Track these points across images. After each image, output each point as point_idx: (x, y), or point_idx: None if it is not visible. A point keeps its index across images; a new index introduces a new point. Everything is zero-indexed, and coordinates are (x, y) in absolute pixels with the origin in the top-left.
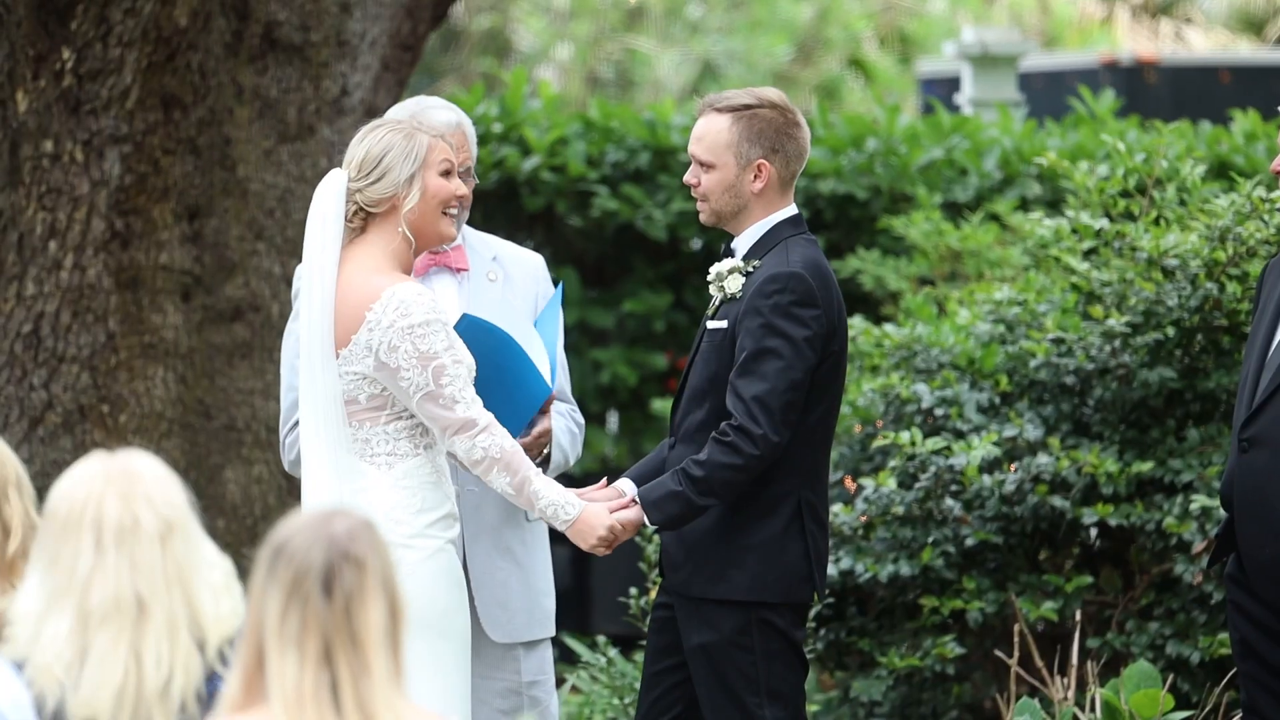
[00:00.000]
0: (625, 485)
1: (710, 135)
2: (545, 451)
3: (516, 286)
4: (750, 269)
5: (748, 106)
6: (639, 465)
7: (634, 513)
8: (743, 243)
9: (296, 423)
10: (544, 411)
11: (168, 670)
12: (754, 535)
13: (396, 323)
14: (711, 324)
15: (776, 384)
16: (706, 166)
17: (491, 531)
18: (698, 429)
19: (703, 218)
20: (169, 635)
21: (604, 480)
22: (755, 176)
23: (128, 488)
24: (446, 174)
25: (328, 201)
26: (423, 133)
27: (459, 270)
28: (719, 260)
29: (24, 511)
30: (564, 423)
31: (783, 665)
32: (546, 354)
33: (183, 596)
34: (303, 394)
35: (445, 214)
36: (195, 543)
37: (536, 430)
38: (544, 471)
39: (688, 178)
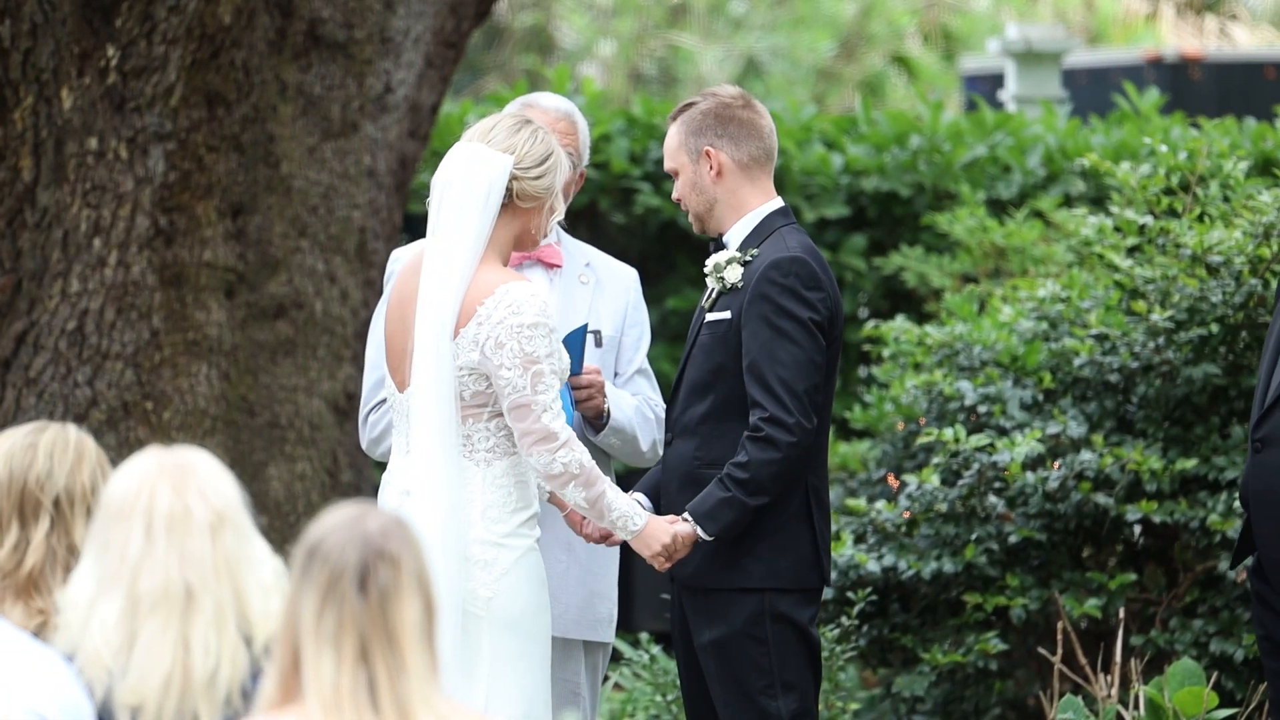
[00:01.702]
0: (639, 498)
1: (668, 144)
2: (605, 407)
3: (607, 293)
4: (748, 258)
5: (687, 105)
6: (648, 478)
7: (687, 528)
8: (734, 236)
9: (381, 402)
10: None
11: (215, 660)
12: (766, 523)
13: (507, 320)
14: (711, 315)
15: (798, 368)
16: (674, 174)
17: (555, 525)
18: (700, 421)
19: (694, 227)
20: (217, 626)
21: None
22: (709, 166)
23: (181, 479)
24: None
25: (493, 179)
26: (561, 149)
27: (551, 267)
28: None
29: (52, 534)
30: (633, 401)
31: (794, 655)
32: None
33: (231, 589)
34: (419, 375)
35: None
36: (246, 538)
37: (587, 379)
38: (604, 426)
39: (673, 195)
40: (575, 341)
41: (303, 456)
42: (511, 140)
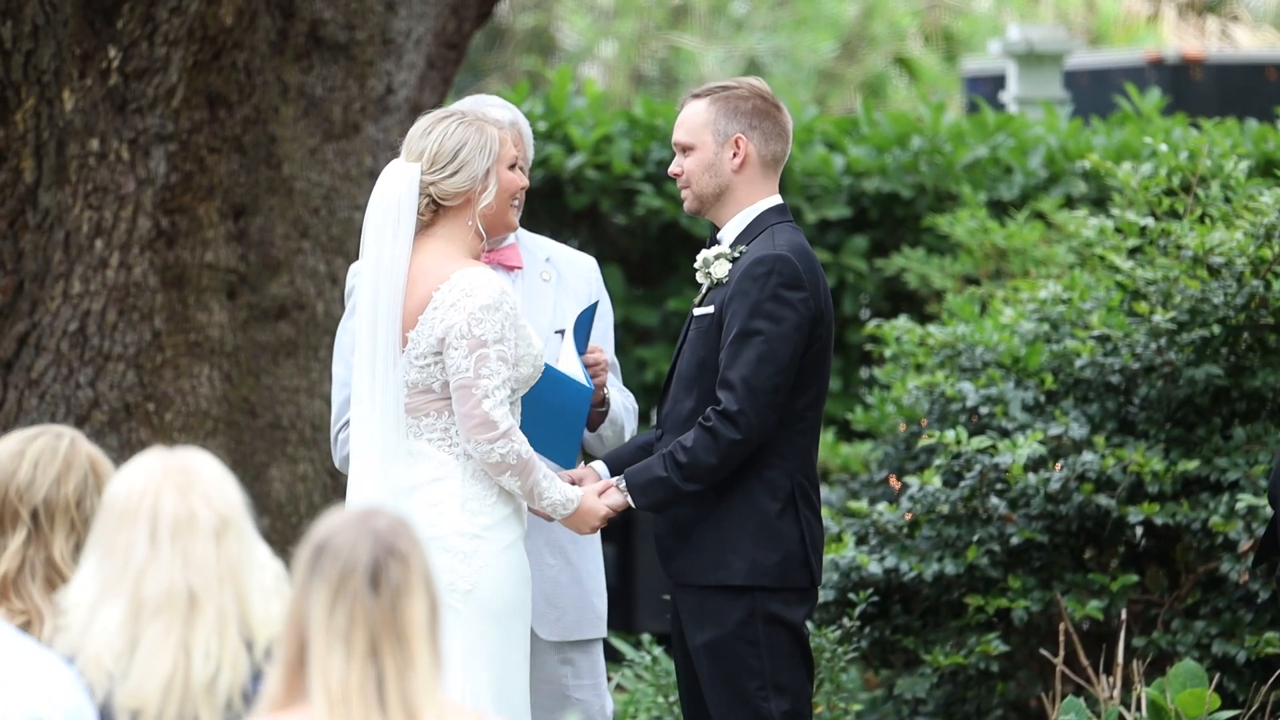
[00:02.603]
0: (598, 466)
1: (689, 119)
2: (605, 393)
3: (569, 287)
4: (736, 254)
5: (725, 88)
6: (619, 449)
7: (619, 498)
8: (729, 231)
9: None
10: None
11: (215, 665)
12: (750, 520)
13: (459, 302)
14: (699, 310)
15: (763, 367)
16: (687, 150)
17: (543, 527)
18: (688, 417)
19: (687, 206)
20: (219, 631)
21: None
22: (734, 154)
23: (185, 483)
24: (512, 166)
25: (401, 193)
26: (490, 126)
27: (512, 269)
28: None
29: (28, 545)
30: (620, 398)
31: (786, 656)
32: (577, 358)
33: (234, 594)
34: (359, 385)
35: (511, 205)
36: (249, 542)
37: (591, 359)
38: (604, 416)
39: (671, 169)
40: (584, 321)
41: (304, 458)
42: (422, 144)
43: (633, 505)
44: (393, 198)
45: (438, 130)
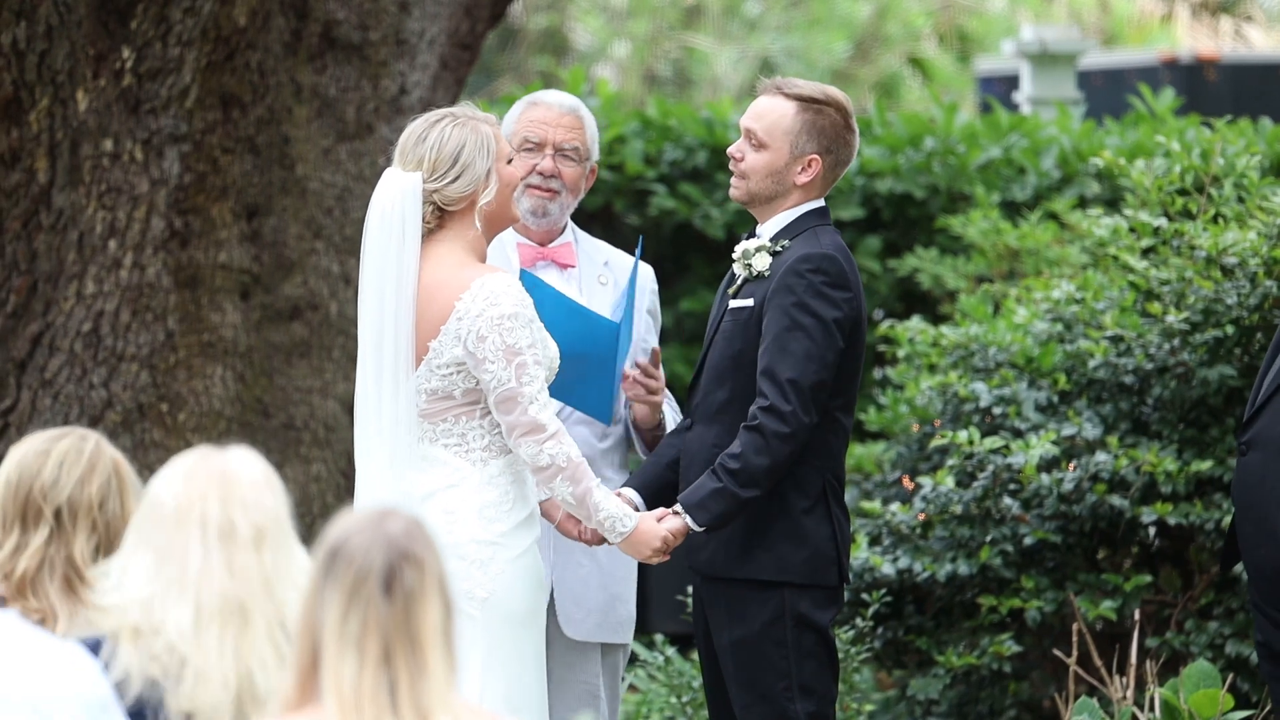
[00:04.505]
0: (629, 493)
1: (772, 116)
2: (660, 416)
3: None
4: (778, 248)
5: (815, 100)
6: (640, 473)
7: (679, 521)
8: (769, 228)
9: None
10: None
11: (265, 675)
12: (780, 516)
13: (485, 312)
14: (735, 302)
15: (808, 364)
16: (758, 145)
17: None
18: (719, 409)
19: (734, 194)
20: (269, 640)
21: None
22: (804, 169)
23: (226, 492)
24: (509, 161)
25: (403, 204)
26: (482, 122)
27: (566, 266)
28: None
29: (50, 544)
30: (671, 414)
31: (813, 658)
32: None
33: (274, 605)
34: (363, 393)
35: (513, 198)
36: (286, 551)
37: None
38: (658, 439)
39: (733, 150)
40: (626, 317)
41: (318, 458)
42: (419, 151)
43: (695, 527)
44: (394, 210)
45: (433, 136)
